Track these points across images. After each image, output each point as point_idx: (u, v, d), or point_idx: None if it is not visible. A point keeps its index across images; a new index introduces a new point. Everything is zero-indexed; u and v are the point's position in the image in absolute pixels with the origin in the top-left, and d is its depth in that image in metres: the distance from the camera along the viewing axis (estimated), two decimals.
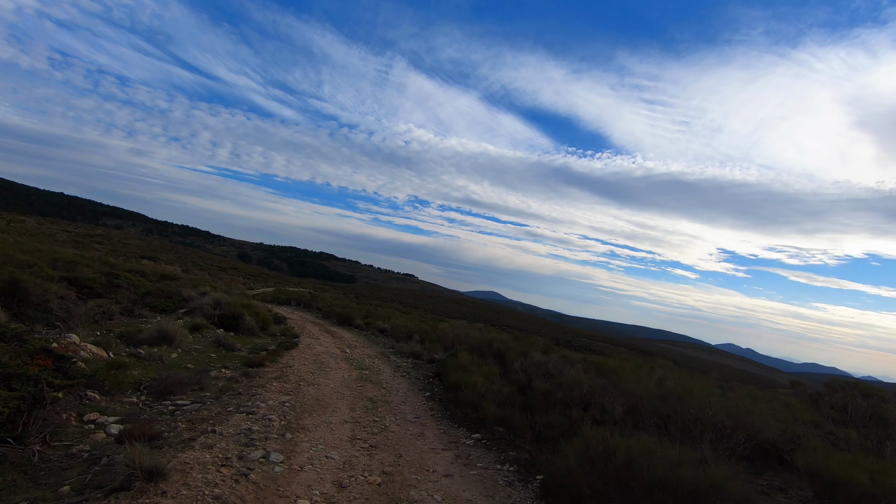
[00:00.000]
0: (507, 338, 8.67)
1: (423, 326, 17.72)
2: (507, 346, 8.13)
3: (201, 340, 10.72)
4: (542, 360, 7.23)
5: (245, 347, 10.82)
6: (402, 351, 12.75)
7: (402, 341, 15.66)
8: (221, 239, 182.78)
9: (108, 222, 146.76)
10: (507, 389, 5.66)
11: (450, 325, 15.98)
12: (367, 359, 10.97)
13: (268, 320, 14.43)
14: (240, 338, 12.32)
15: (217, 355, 9.47)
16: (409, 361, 11.35)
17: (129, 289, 14.74)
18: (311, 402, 5.79)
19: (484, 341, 8.54)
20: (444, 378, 8.45)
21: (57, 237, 39.56)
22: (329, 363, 9.22)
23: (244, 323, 13.13)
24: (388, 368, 9.77)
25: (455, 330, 15.04)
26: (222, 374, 7.28)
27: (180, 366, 7.84)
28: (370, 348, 13.36)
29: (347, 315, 19.77)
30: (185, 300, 14.76)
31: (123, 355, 7.74)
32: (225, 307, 13.66)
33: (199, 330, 11.61)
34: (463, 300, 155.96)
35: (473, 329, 15.08)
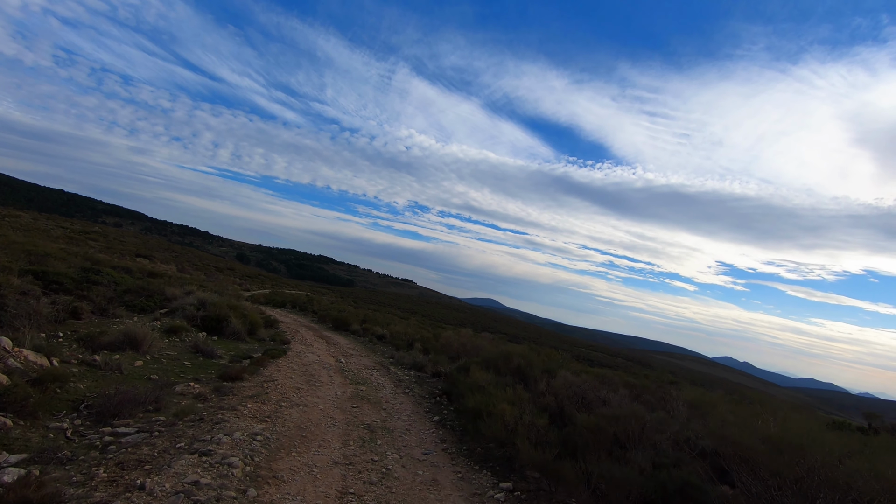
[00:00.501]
0: (528, 352, 7.41)
1: (425, 334, 16.43)
2: (530, 362, 6.86)
3: (177, 345, 9.42)
4: (575, 382, 5.96)
5: (227, 354, 9.52)
6: (402, 361, 11.45)
7: (403, 350, 14.34)
8: (220, 240, 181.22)
9: (107, 220, 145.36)
10: (542, 422, 4.40)
11: (454, 333, 14.69)
12: (365, 370, 9.68)
13: (257, 323, 13.13)
14: (223, 343, 11.02)
15: (192, 363, 8.17)
16: (412, 374, 10.05)
17: (108, 286, 13.45)
18: (292, 431, 4.52)
19: (500, 356, 7.28)
20: (455, 398, 7.17)
21: (51, 233, 38.38)
22: (320, 376, 7.93)
23: (229, 326, 11.83)
24: (388, 383, 8.47)
25: (460, 339, 13.74)
26: (190, 388, 5.99)
27: (142, 377, 6.55)
28: (368, 357, 12.05)
29: (344, 320, 18.47)
30: (168, 299, 13.45)
31: (73, 363, 6.45)
32: (210, 308, 12.36)
33: (177, 333, 10.31)
34: (461, 307, 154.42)
35: (480, 338, 13.79)
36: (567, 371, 7.03)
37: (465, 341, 13.58)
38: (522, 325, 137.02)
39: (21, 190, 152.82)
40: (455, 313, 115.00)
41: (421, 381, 9.26)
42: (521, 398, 5.06)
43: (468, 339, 13.64)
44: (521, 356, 6.93)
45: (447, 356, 13.65)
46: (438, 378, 9.53)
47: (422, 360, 11.28)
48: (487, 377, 6.08)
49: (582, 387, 5.85)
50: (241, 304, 13.51)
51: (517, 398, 5.01)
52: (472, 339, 13.67)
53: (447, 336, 14.09)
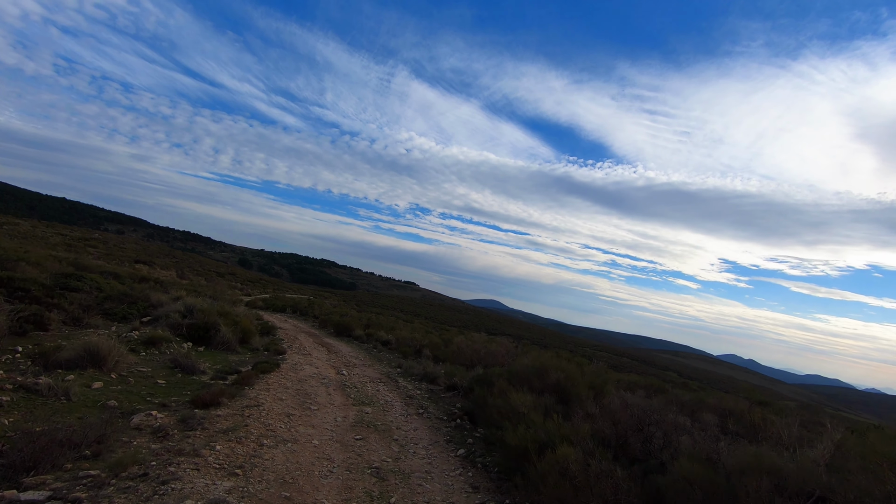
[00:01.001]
0: (568, 365, 6.08)
1: (433, 339, 15.13)
2: (571, 377, 5.55)
3: (153, 359, 8.14)
4: (638, 403, 4.66)
5: (211, 369, 8.23)
6: (412, 372, 10.14)
7: (411, 358, 13.02)
8: (222, 245, 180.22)
9: (109, 227, 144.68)
10: (620, 472, 3.10)
11: (466, 338, 13.37)
12: (370, 384, 8.38)
13: (250, 331, 11.84)
14: (210, 354, 9.73)
15: (167, 382, 6.88)
16: (424, 388, 8.74)
17: (88, 293, 12.21)
18: (272, 489, 3.22)
19: (534, 369, 5.97)
20: (480, 421, 5.86)
21: (49, 240, 37.57)
22: (317, 395, 6.63)
23: (218, 335, 10.55)
24: (397, 401, 7.17)
25: (473, 344, 12.43)
26: (150, 420, 4.70)
27: (96, 404, 5.27)
28: (373, 367, 10.75)
29: (346, 325, 17.17)
30: (154, 306, 12.19)
31: (8, 389, 5.17)
32: (197, 315, 11.09)
33: (157, 344, 9.03)
34: (464, 308, 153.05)
35: (495, 343, 12.47)
36: (613, 386, 5.71)
37: (479, 348, 12.27)
38: (526, 326, 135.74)
39: (23, 198, 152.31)
40: (458, 315, 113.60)
41: (435, 397, 7.95)
42: (581, 432, 3.75)
43: (482, 345, 12.33)
44: (560, 370, 5.63)
45: (460, 365, 12.33)
46: (455, 392, 8.21)
47: (433, 371, 9.97)
48: (525, 399, 4.78)
49: (647, 409, 4.55)
50: (232, 311, 12.23)
51: (576, 433, 3.71)
52: (487, 345, 12.35)
53: (459, 342, 12.78)
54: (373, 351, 14.02)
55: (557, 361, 5.97)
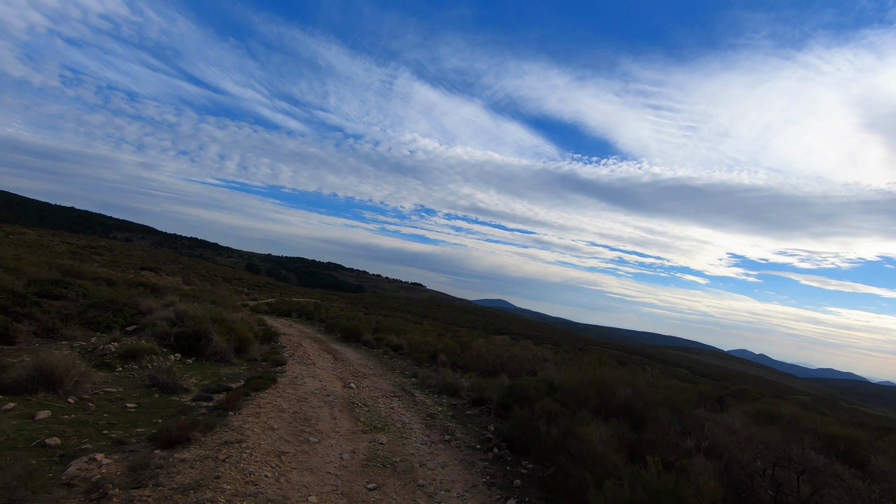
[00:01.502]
0: (636, 379, 4.74)
1: (448, 342, 13.84)
2: (644, 396, 4.22)
3: (129, 376, 6.92)
4: (756, 436, 3.32)
5: (196, 386, 6.99)
6: (429, 383, 8.84)
7: (426, 364, 11.73)
8: (230, 250, 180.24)
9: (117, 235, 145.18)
10: None
11: (487, 342, 12.05)
12: (382, 400, 7.11)
13: (247, 339, 10.62)
14: (200, 367, 8.51)
15: (137, 407, 5.64)
16: (445, 403, 7.45)
17: (75, 300, 11.08)
18: None
19: (592, 384, 4.63)
20: (526, 451, 4.56)
21: (55, 248, 36.95)
22: (320, 418, 5.37)
23: (210, 344, 9.33)
24: (416, 422, 5.89)
25: (495, 349, 11.11)
26: (91, 469, 3.46)
27: (30, 443, 4.04)
28: (385, 378, 9.47)
29: (354, 329, 15.92)
30: (142, 313, 11.01)
31: None
32: (187, 323, 9.88)
33: (137, 358, 7.82)
34: (472, 308, 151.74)
35: (521, 348, 11.14)
36: (693, 404, 4.37)
37: (501, 352, 10.95)
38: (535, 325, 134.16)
39: (32, 209, 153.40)
40: (466, 315, 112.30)
41: (460, 415, 6.64)
42: (706, 490, 2.46)
43: (505, 350, 11.01)
44: (628, 385, 4.30)
45: (481, 372, 11.03)
46: (483, 408, 6.90)
47: (454, 381, 8.67)
48: (596, 432, 3.46)
49: (772, 444, 3.22)
50: (229, 317, 11.02)
51: (696, 494, 2.40)
52: (511, 350, 11.03)
53: (479, 346, 11.47)
54: (383, 357, 12.75)
55: (621, 374, 4.64)
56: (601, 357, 9.05)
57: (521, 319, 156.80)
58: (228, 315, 12.55)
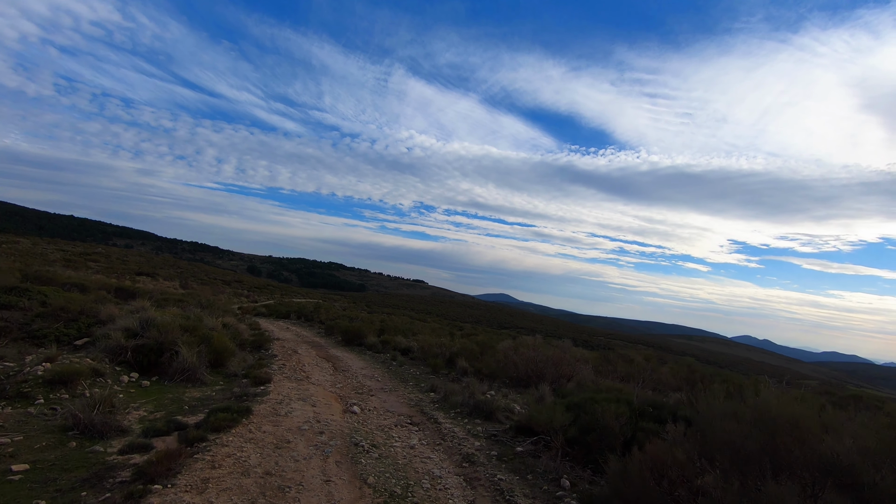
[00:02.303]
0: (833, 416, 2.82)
1: (465, 344, 11.86)
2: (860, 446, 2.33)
3: (45, 414, 4.95)
4: None
5: (141, 424, 5.02)
6: (453, 400, 6.86)
7: (443, 371, 9.76)
8: (231, 254, 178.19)
9: (118, 242, 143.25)
10: None
11: (516, 342, 10.07)
12: (397, 433, 5.15)
13: (226, 350, 8.65)
14: (158, 391, 6.54)
15: (30, 470, 3.67)
16: (481, 433, 5.47)
17: (27, 309, 9.15)
18: None
19: (773, 419, 2.67)
20: None
21: (49, 256, 35.21)
22: (304, 484, 3.40)
23: (177, 359, 7.36)
24: (449, 474, 3.92)
25: (526, 351, 9.12)
26: None
27: None
28: (396, 393, 7.51)
29: (357, 331, 13.95)
30: (102, 322, 9.03)
31: None
32: (150, 333, 7.91)
33: (71, 383, 5.87)
34: (475, 304, 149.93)
35: (556, 349, 9.15)
36: None
37: (535, 355, 8.97)
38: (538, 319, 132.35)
39: (32, 219, 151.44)
40: (470, 311, 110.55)
41: (509, 455, 4.67)
42: None
43: (539, 352, 9.02)
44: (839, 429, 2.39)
45: (510, 379, 9.05)
46: (537, 441, 4.92)
47: (485, 398, 6.69)
48: None
49: None
50: (200, 325, 9.04)
51: None
52: (546, 352, 9.04)
53: (505, 349, 9.49)
54: (391, 364, 10.78)
55: (808, 409, 2.66)
56: (690, 364, 7.02)
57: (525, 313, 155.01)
58: (210, 321, 10.59)
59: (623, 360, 10.39)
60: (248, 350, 11.48)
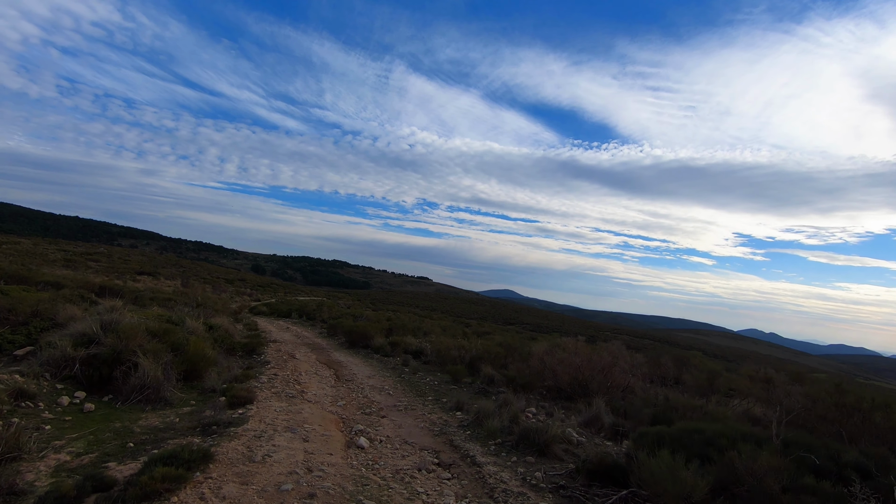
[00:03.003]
0: None
1: (489, 346, 10.21)
2: None
3: None
4: None
5: (47, 484, 3.43)
6: (490, 426, 5.20)
7: (465, 380, 8.12)
8: (235, 252, 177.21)
9: (122, 242, 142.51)
10: None
11: (552, 345, 8.39)
12: (419, 479, 3.54)
13: (203, 359, 7.04)
14: (105, 416, 4.94)
15: None
16: (542, 481, 3.83)
17: None
18: None
19: None
20: None
21: (49, 256, 34.11)
22: None
23: (135, 373, 5.77)
24: None
25: (566, 356, 7.46)
26: None
27: None
28: (413, 412, 5.89)
29: (362, 332, 12.34)
30: (59, 325, 7.46)
31: None
32: (108, 339, 6.32)
33: None
34: (480, 300, 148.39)
35: (604, 352, 7.49)
36: None
37: (578, 361, 7.31)
38: (543, 314, 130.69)
39: (37, 220, 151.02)
40: (475, 307, 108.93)
41: None
42: None
43: (584, 357, 7.36)
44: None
45: (548, 389, 7.42)
46: (630, 502, 3.27)
47: (532, 422, 5.05)
48: None
49: None
50: (177, 329, 7.44)
51: None
52: (592, 356, 7.37)
53: (541, 353, 7.83)
54: (403, 372, 9.15)
55: None
56: (840, 384, 5.31)
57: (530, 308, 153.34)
58: (194, 322, 9.01)
59: (676, 363, 8.72)
60: (239, 355, 9.90)
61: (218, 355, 8.45)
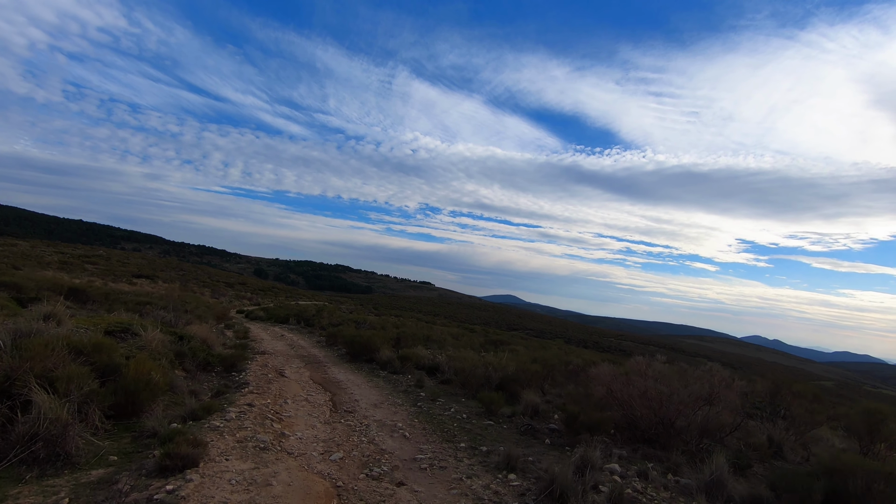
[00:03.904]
0: None
1: (524, 363, 8.15)
2: None
3: None
4: None
5: None
6: None
7: (502, 411, 6.08)
8: (238, 257, 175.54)
9: (126, 246, 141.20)
10: None
11: (619, 366, 6.35)
12: None
13: (145, 387, 5.00)
14: None
15: None
16: None
17: None
18: None
19: None
20: None
21: (44, 259, 32.56)
22: None
23: (23, 418, 3.75)
24: None
25: (646, 383, 5.41)
26: None
27: None
28: (442, 477, 3.87)
29: (365, 343, 10.29)
30: None
31: None
32: (4, 362, 4.30)
33: None
34: (482, 305, 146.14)
35: (693, 378, 5.47)
36: None
37: (668, 391, 5.27)
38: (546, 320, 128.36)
39: (42, 223, 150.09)
40: (478, 312, 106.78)
41: None
42: None
43: (670, 385, 5.31)
44: None
45: (625, 427, 5.38)
46: None
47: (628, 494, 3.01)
48: None
49: None
50: (112, 345, 5.45)
51: None
52: (682, 383, 5.32)
53: (605, 376, 5.78)
54: (418, 396, 7.11)
55: None
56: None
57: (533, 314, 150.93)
58: (152, 333, 7.01)
59: (772, 388, 6.69)
60: (217, 371, 7.89)
61: (179, 377, 6.43)
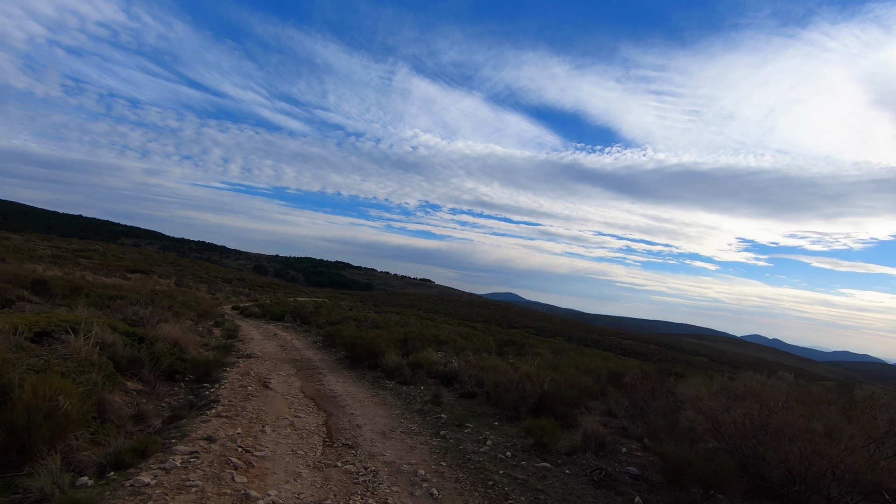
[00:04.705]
0: None
1: (570, 374, 6.53)
2: None
3: None
4: None
5: None
6: None
7: (559, 446, 4.44)
8: (238, 253, 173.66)
9: (125, 241, 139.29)
10: None
11: (717, 387, 4.71)
12: None
13: (44, 419, 3.35)
14: None
15: None
16: None
17: None
18: None
19: None
20: None
21: (37, 252, 31.08)
22: None
23: None
24: None
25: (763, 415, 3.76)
26: None
27: None
28: None
29: (368, 346, 8.64)
30: None
31: None
32: None
33: None
34: (482, 303, 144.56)
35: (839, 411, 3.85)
36: None
37: (818, 434, 3.57)
38: (547, 318, 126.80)
39: (41, 218, 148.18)
40: (478, 310, 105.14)
41: None
42: None
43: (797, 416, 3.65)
44: None
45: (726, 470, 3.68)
46: None
47: None
48: None
49: None
50: (6, 357, 3.83)
51: None
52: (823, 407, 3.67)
53: (710, 408, 4.13)
54: (439, 418, 5.47)
55: None
56: None
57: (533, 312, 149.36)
58: (81, 338, 5.37)
59: None
60: (187, 380, 6.25)
61: (125, 393, 4.78)
